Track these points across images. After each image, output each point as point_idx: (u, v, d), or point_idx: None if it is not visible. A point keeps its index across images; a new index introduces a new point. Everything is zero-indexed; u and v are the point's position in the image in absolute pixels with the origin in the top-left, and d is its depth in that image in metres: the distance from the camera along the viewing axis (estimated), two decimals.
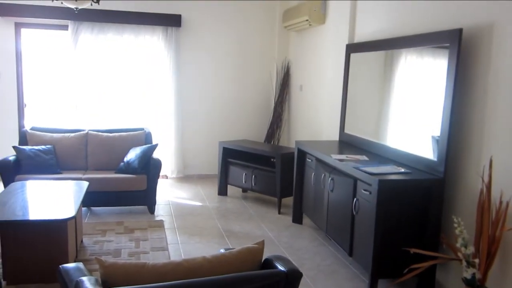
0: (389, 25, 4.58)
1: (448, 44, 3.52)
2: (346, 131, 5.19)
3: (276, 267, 2.10)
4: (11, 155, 5.45)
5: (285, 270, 2.02)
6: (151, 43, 7.06)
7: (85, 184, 4.60)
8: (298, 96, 6.99)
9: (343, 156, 4.31)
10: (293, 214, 5.38)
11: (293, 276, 2.01)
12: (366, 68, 4.93)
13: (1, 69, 6.72)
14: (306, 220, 5.36)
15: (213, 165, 7.20)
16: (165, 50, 7.06)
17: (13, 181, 5.07)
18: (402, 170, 3.76)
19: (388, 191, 3.51)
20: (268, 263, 2.16)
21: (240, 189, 6.58)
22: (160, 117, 7.20)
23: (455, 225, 3.11)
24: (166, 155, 7.15)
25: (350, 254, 4.05)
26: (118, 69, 7.03)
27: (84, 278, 1.82)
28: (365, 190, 3.73)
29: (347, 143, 5.12)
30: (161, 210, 5.72)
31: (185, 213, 5.62)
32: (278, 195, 5.68)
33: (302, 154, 5.18)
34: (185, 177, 7.41)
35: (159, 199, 5.96)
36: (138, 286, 1.77)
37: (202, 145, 7.45)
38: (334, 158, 4.24)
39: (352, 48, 5.15)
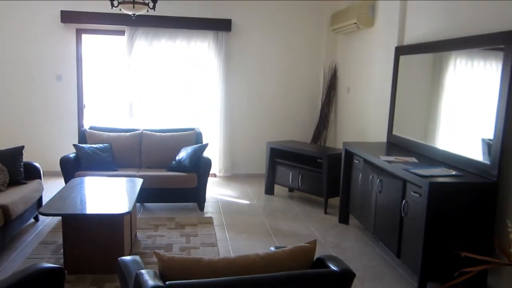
0: (440, 26, 4.42)
1: (503, 46, 3.36)
2: (395, 132, 5.06)
3: (329, 267, 2.05)
4: (71, 152, 5.63)
5: (338, 270, 1.97)
6: (202, 47, 7.13)
7: (140, 181, 4.69)
8: (345, 98, 6.88)
9: (391, 158, 4.19)
10: (340, 214, 5.29)
11: (346, 277, 1.96)
12: (416, 70, 4.78)
13: (62, 72, 6.96)
14: (352, 220, 5.26)
15: (260, 165, 7.20)
16: (215, 54, 7.11)
17: (73, 177, 5.23)
18: (453, 172, 3.62)
19: (439, 194, 3.38)
20: (320, 263, 2.12)
21: (287, 189, 6.54)
22: (210, 118, 7.26)
23: (509, 229, 2.96)
24: (215, 154, 7.20)
25: (398, 256, 3.93)
26: (170, 72, 7.14)
27: (144, 271, 1.83)
28: (414, 192, 3.60)
29: (395, 145, 4.99)
30: (210, 207, 5.76)
31: (233, 211, 5.63)
32: (325, 195, 5.60)
33: (349, 155, 5.08)
34: (233, 176, 7.44)
35: (208, 196, 6.00)
36: (195, 280, 1.77)
37: (249, 145, 7.46)
38: (382, 160, 4.13)
39: (402, 50, 5.01)
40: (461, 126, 3.92)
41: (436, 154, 4.18)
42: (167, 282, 1.74)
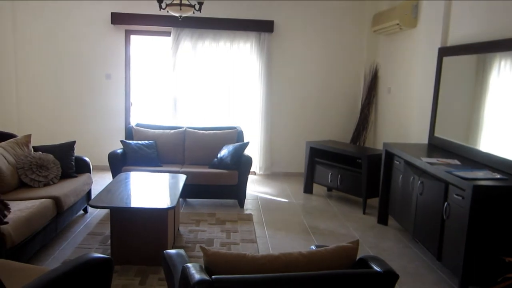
0: (485, 27, 4.26)
1: None
2: (436, 134, 4.91)
3: (371, 267, 2.00)
4: (118, 148, 5.76)
5: (381, 271, 1.92)
6: (244, 47, 7.15)
7: (183, 177, 4.75)
8: (386, 99, 6.75)
9: (433, 160, 4.07)
10: (379, 215, 5.19)
11: (390, 278, 1.91)
12: (459, 71, 4.62)
13: (111, 71, 7.14)
14: (391, 221, 5.15)
15: (299, 164, 7.16)
16: (257, 54, 7.12)
17: (120, 171, 5.36)
18: (498, 176, 3.48)
19: (483, 197, 3.26)
20: (362, 263, 2.08)
21: (325, 188, 6.47)
22: (251, 117, 7.27)
23: None
24: (255, 152, 7.21)
25: (439, 258, 3.82)
26: (213, 72, 7.19)
27: (190, 265, 1.84)
28: (457, 195, 3.49)
29: (437, 147, 4.84)
30: (250, 204, 5.77)
31: (272, 208, 5.62)
32: (363, 196, 5.51)
33: (390, 156, 4.97)
34: (272, 174, 7.43)
35: (248, 194, 6.02)
36: (241, 276, 1.77)
37: (289, 144, 7.43)
38: (424, 161, 4.02)
39: (445, 51, 4.86)
40: (506, 128, 3.76)
41: (479, 156, 4.03)
42: (213, 276, 1.75)
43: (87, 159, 5.24)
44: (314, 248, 2.39)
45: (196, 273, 1.76)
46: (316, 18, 7.21)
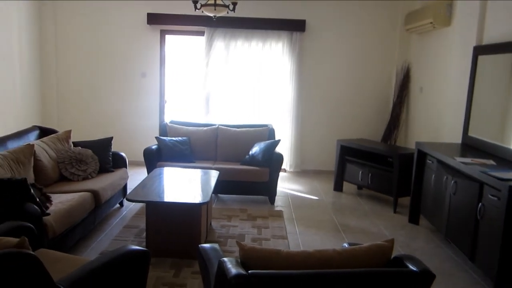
0: None
1: None
2: (470, 133, 4.77)
3: (407, 267, 1.95)
4: (153, 144, 5.83)
5: (418, 270, 1.87)
6: (276, 46, 7.12)
7: (216, 173, 4.77)
8: (418, 98, 6.60)
9: (468, 159, 3.96)
10: (410, 214, 5.08)
11: (426, 278, 1.86)
12: (495, 70, 4.47)
13: (147, 70, 7.23)
14: (422, 221, 5.04)
15: (329, 162, 7.09)
16: (289, 53, 7.08)
17: (155, 167, 5.42)
18: None
19: None
20: (397, 262, 2.03)
21: (355, 186, 6.39)
22: (282, 115, 7.24)
23: None
24: (285, 150, 7.18)
25: (472, 259, 3.71)
26: (245, 71, 7.20)
27: (227, 259, 1.84)
28: (492, 195, 3.38)
29: (470, 146, 4.70)
30: (280, 201, 5.75)
31: (303, 206, 5.59)
32: (394, 194, 5.41)
33: (422, 155, 4.86)
34: (302, 172, 7.38)
35: (279, 190, 6.00)
36: (276, 271, 1.75)
37: (319, 142, 7.37)
38: (458, 161, 3.91)
39: (480, 50, 4.71)
40: None
41: None
42: (250, 271, 1.74)
43: (123, 154, 5.32)
44: (347, 246, 2.36)
45: (233, 268, 1.75)
46: (348, 17, 7.12)
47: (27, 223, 2.79)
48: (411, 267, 1.92)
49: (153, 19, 6.96)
